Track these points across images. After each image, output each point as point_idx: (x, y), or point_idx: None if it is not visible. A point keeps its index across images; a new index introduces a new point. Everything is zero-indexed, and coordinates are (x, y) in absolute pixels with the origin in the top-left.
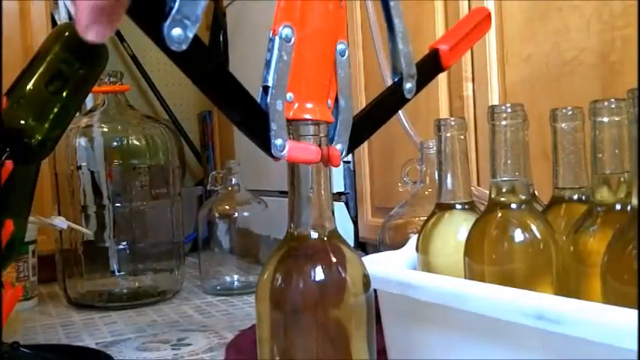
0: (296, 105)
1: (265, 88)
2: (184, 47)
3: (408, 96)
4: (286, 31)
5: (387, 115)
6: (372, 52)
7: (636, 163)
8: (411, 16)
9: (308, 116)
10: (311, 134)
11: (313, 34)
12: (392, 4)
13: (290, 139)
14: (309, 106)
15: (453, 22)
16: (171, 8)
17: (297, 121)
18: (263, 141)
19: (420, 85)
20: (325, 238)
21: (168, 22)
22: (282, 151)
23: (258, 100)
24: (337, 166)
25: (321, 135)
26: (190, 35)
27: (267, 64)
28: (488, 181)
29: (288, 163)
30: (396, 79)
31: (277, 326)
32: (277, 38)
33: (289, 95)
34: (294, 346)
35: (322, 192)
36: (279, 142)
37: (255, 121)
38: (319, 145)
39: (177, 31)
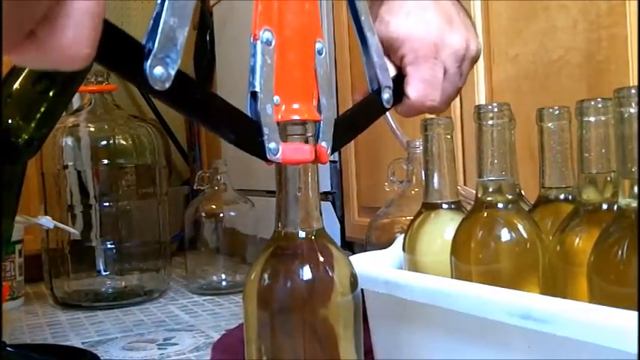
0: (283, 107)
1: (253, 94)
2: (167, 86)
3: (386, 106)
4: (267, 35)
5: (367, 123)
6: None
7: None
8: None
9: (296, 117)
10: (301, 134)
11: (293, 35)
12: (362, 18)
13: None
14: (295, 106)
15: None
16: (150, 50)
17: (286, 123)
18: (256, 147)
19: (397, 96)
20: (313, 238)
21: (149, 61)
22: (276, 154)
23: (247, 106)
24: (325, 162)
25: (309, 134)
26: (172, 72)
27: (252, 69)
28: (475, 180)
29: (275, 162)
30: (374, 88)
31: (265, 326)
32: (259, 43)
33: (276, 98)
34: (281, 346)
35: (310, 191)
36: (272, 145)
37: (248, 133)
38: (307, 145)
39: (159, 70)
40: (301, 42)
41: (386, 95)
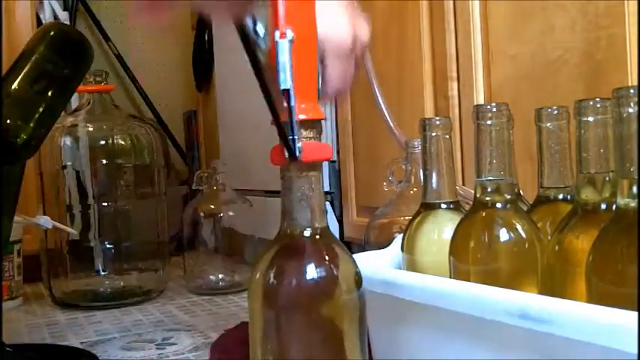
0: (301, 106)
1: (285, 92)
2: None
3: None
4: (291, 33)
5: None
6: None
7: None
8: (395, 17)
9: (304, 116)
10: (312, 134)
11: (304, 34)
12: None
13: None
14: (304, 105)
15: (439, 22)
16: None
17: (302, 122)
18: (288, 146)
19: None
20: (317, 237)
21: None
22: (300, 153)
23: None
24: (330, 159)
25: (319, 133)
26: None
27: (282, 67)
28: (474, 180)
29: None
30: None
31: (270, 324)
32: (286, 41)
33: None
34: (286, 344)
35: (314, 191)
36: (299, 144)
37: (283, 132)
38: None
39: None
40: (309, 41)
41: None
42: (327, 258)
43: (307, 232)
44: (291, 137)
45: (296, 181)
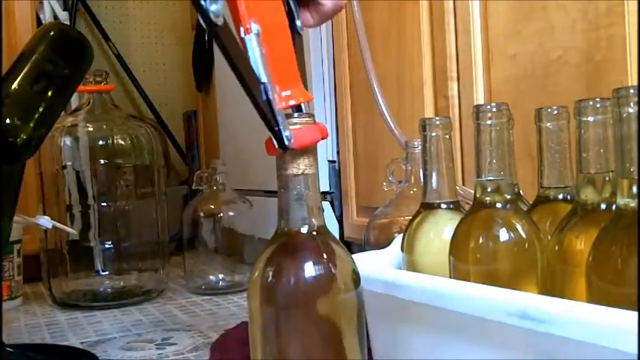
0: (283, 94)
1: (262, 85)
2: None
3: (300, 32)
4: (256, 27)
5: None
6: (357, 51)
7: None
8: (395, 17)
9: (293, 102)
10: (304, 118)
11: (273, 23)
12: None
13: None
14: (289, 93)
15: (439, 22)
16: None
17: (288, 110)
18: (275, 137)
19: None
20: (314, 234)
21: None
22: (290, 141)
23: (261, 98)
24: (326, 137)
25: (309, 115)
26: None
27: (253, 61)
28: (474, 180)
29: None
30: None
31: (269, 322)
32: (252, 36)
33: (276, 87)
34: (285, 342)
35: (311, 188)
36: (287, 133)
37: (269, 124)
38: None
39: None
40: (280, 29)
41: (298, 23)
42: (324, 255)
43: (304, 230)
44: (276, 128)
45: (291, 179)
